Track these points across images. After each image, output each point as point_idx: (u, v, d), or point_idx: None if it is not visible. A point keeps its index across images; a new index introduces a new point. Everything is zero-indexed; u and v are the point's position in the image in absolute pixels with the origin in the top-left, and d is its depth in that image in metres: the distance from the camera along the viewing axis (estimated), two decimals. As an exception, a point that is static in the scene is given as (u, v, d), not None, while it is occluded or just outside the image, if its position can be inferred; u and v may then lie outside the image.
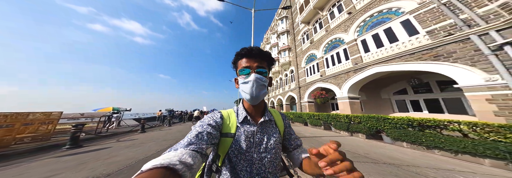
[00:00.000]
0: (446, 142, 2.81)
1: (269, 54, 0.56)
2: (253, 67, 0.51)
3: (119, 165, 2.49)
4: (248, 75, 0.51)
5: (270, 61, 0.56)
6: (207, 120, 0.49)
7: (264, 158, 0.49)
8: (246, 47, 0.54)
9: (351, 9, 7.46)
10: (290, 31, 14.28)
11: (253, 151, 0.49)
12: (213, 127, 0.46)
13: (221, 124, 0.50)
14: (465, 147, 2.57)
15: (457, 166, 2.39)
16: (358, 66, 6.59)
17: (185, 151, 0.34)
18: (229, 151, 0.48)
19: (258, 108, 0.56)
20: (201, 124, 0.47)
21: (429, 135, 3.10)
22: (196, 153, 0.36)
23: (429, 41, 4.39)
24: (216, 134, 0.46)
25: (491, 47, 3.24)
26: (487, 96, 3.24)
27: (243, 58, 0.53)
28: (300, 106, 11.34)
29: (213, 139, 0.44)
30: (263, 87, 0.53)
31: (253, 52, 0.52)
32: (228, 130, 0.50)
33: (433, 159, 2.70)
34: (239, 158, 0.48)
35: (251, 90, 0.50)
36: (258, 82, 0.50)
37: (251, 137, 0.50)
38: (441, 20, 4.15)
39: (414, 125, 3.49)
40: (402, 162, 2.55)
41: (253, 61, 0.52)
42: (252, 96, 0.51)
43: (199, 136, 0.41)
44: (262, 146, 0.50)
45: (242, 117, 0.53)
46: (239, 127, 0.51)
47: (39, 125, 4.24)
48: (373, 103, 8.00)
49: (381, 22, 6.01)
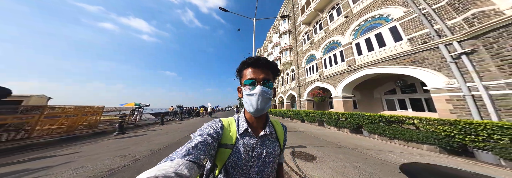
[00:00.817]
0: (401, 133, 3.63)
1: (276, 65, 0.55)
2: (259, 79, 0.51)
3: (161, 145, 3.59)
4: (254, 87, 0.51)
5: (276, 72, 0.56)
6: (208, 130, 0.48)
7: (261, 172, 0.48)
8: (253, 57, 0.53)
9: (348, 13, 7.96)
10: (292, 31, 14.78)
11: (251, 165, 0.48)
12: (213, 137, 0.45)
13: (221, 134, 0.49)
14: (412, 137, 3.40)
15: (403, 150, 3.24)
16: (351, 68, 7.26)
17: (181, 162, 0.33)
18: (227, 162, 0.47)
19: (260, 120, 0.55)
20: (201, 133, 0.46)
21: (393, 128, 3.93)
22: (193, 164, 0.34)
23: (409, 47, 5.01)
24: (214, 145, 0.45)
25: (453, 55, 3.89)
26: (446, 97, 3.96)
27: (249, 67, 0.53)
28: (299, 104, 12.18)
29: (211, 150, 0.43)
30: (268, 100, 0.51)
31: (260, 62, 0.52)
32: (227, 141, 0.49)
33: (388, 146, 3.55)
34: (236, 170, 0.47)
35: (256, 103, 0.49)
36: (264, 95, 0.50)
37: (249, 150, 0.49)
38: (420, 29, 4.75)
39: (383, 121, 4.30)
40: (359, 147, 3.44)
41: (259, 72, 0.52)
42: (257, 109, 0.50)
43: (198, 146, 0.40)
44: (260, 160, 0.49)
45: (243, 128, 0.52)
46: (238, 138, 0.50)
47: (89, 116, 5.63)
48: (366, 102, 8.67)
49: (373, 27, 6.57)
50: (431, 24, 4.47)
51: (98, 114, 5.81)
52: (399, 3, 5.47)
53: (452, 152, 2.99)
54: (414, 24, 4.93)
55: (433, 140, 3.06)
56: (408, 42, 5.09)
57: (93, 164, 2.41)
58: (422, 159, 2.70)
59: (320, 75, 9.76)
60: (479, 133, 2.65)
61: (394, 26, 5.69)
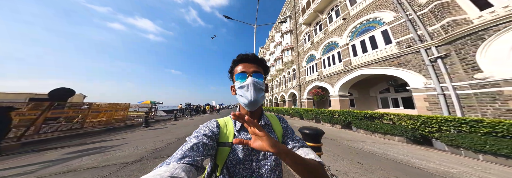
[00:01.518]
0: (380, 127, 4.28)
1: (264, 60, 0.57)
2: (250, 71, 0.52)
3: (181, 135, 4.49)
4: (245, 79, 0.51)
5: (265, 67, 0.57)
6: (203, 130, 0.48)
7: (263, 166, 0.49)
8: (241, 54, 0.55)
9: (346, 15, 8.40)
10: (293, 31, 15.21)
11: (252, 159, 0.49)
12: (209, 137, 0.46)
13: (217, 134, 0.50)
14: (387, 130, 4.05)
15: (375, 141, 3.90)
16: (347, 68, 7.80)
17: (177, 165, 0.33)
18: (227, 160, 0.47)
19: (255, 114, 0.56)
20: (196, 135, 0.46)
21: (374, 123, 4.59)
22: (190, 167, 0.34)
23: (397, 50, 5.53)
24: (212, 145, 0.45)
25: (431, 59, 4.42)
26: (424, 96, 4.53)
27: (239, 64, 0.54)
28: (300, 102, 12.84)
29: (210, 150, 0.43)
30: (261, 91, 0.52)
31: (248, 58, 0.54)
32: (225, 139, 0.50)
33: (367, 138, 4.23)
34: (237, 167, 0.47)
35: (249, 93, 0.49)
36: (256, 85, 0.50)
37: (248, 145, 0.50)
38: (406, 34, 5.25)
39: (367, 117, 4.95)
40: (340, 138, 4.15)
41: (249, 66, 0.53)
42: (251, 101, 0.49)
43: (194, 147, 0.40)
44: (261, 153, 0.50)
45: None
46: (236, 135, 0.51)
47: (119, 112, 6.82)
48: (363, 100, 9.19)
49: (367, 29, 7.04)
50: (415, 29, 4.96)
51: (125, 110, 7.02)
52: (390, 8, 5.92)
53: (416, 142, 3.64)
54: (402, 28, 5.41)
55: (402, 133, 3.72)
56: (396, 45, 5.59)
57: (142, 145, 3.40)
58: (386, 147, 3.39)
59: (319, 75, 10.33)
60: (433, 125, 3.29)
61: (385, 30, 6.16)
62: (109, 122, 6.06)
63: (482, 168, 2.26)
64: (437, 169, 2.21)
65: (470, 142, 2.64)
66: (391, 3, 5.83)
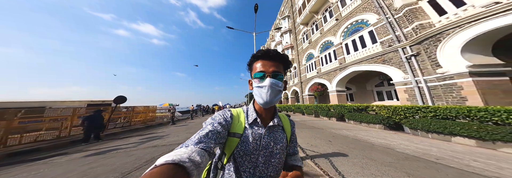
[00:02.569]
0: (364, 117, 5.21)
1: (286, 56, 0.56)
2: (269, 71, 0.52)
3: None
4: (263, 79, 0.52)
5: (286, 64, 0.57)
6: (218, 118, 0.51)
7: (268, 162, 0.51)
8: (263, 49, 0.55)
9: (338, 16, 9.15)
10: (292, 30, 15.99)
11: (259, 154, 0.50)
12: (223, 126, 0.49)
13: (230, 123, 0.53)
14: (370, 119, 4.97)
15: (358, 128, 4.85)
16: (342, 65, 8.63)
17: (194, 149, 0.37)
18: (235, 151, 0.50)
19: (268, 112, 0.58)
20: (212, 122, 0.49)
21: (361, 114, 5.51)
22: (204, 152, 0.38)
23: (381, 49, 6.32)
24: (224, 134, 0.48)
25: (407, 56, 5.22)
26: (404, 89, 5.36)
27: (259, 60, 0.54)
28: (302, 98, 13.75)
29: (222, 138, 0.46)
30: (278, 93, 0.53)
31: (269, 54, 0.53)
32: (236, 130, 0.52)
33: (354, 127, 5.17)
34: (244, 159, 0.49)
35: (266, 95, 0.51)
36: (274, 87, 0.52)
37: (258, 140, 0.52)
38: (387, 34, 6.03)
39: (356, 109, 5.87)
40: (329, 128, 5.12)
41: (269, 65, 0.53)
42: (266, 101, 0.52)
43: (209, 134, 0.43)
44: (268, 150, 0.51)
45: (252, 118, 0.55)
46: (247, 128, 0.53)
47: (150, 113, 8.48)
48: (360, 94, 9.94)
49: (357, 30, 7.81)
50: (394, 31, 5.74)
51: (154, 112, 8.80)
52: (374, 10, 6.68)
53: (391, 128, 4.55)
54: (384, 29, 6.19)
55: (380, 121, 4.64)
56: (380, 44, 6.39)
57: (181, 135, 4.81)
58: (362, 132, 4.34)
59: (318, 72, 11.17)
60: (400, 113, 4.19)
61: (371, 30, 6.94)
62: (145, 121, 7.96)
63: (419, 142, 3.20)
64: (382, 143, 3.19)
65: (421, 124, 3.56)
66: (374, 7, 6.59)
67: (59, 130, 4.73)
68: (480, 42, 3.65)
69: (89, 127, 4.35)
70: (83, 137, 4.34)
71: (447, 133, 3.14)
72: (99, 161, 2.78)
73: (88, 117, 4.43)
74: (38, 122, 4.55)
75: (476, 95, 3.48)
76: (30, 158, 3.14)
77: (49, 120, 4.70)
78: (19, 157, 3.31)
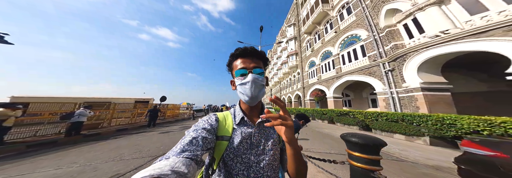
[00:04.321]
0: (346, 120, 6.45)
1: (264, 53, 0.58)
2: (250, 67, 0.54)
3: None
4: (245, 75, 0.53)
5: (265, 60, 0.58)
6: (202, 124, 0.51)
7: (261, 161, 0.50)
8: (240, 47, 0.56)
9: (337, 29, 10.44)
10: (297, 38, 17.39)
11: (251, 153, 0.50)
12: (208, 131, 0.48)
13: (216, 127, 0.52)
14: (350, 122, 6.21)
15: (341, 129, 6.10)
16: (338, 74, 9.83)
17: (177, 159, 0.35)
18: (224, 154, 0.49)
19: (255, 109, 0.58)
20: (195, 129, 0.48)
21: (345, 118, 6.75)
22: (190, 161, 0.36)
23: (368, 62, 7.52)
24: (211, 138, 0.47)
25: (385, 71, 6.41)
26: (383, 98, 6.52)
27: (238, 58, 0.56)
28: (304, 103, 14.93)
29: (209, 143, 0.45)
30: (262, 87, 0.54)
31: (248, 52, 0.55)
32: (224, 133, 0.52)
33: (337, 128, 6.40)
34: (235, 161, 0.49)
35: (250, 90, 0.52)
36: (257, 82, 0.52)
37: (248, 139, 0.52)
38: (373, 50, 7.24)
39: (342, 114, 7.10)
40: (319, 127, 6.45)
41: (249, 62, 0.54)
42: (251, 97, 0.52)
43: (193, 141, 0.42)
44: (259, 148, 0.51)
45: (239, 118, 0.55)
46: (235, 129, 0.53)
47: (175, 110, 10.66)
48: (358, 100, 10.95)
49: (351, 43, 9.04)
50: (378, 47, 6.95)
51: (178, 109, 11.11)
52: (365, 27, 7.93)
53: (365, 129, 5.74)
54: (371, 45, 7.41)
55: (356, 123, 5.88)
56: (368, 58, 7.58)
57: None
58: (339, 131, 5.61)
59: (318, 79, 12.39)
60: (369, 117, 5.40)
61: (362, 45, 8.15)
62: (172, 116, 10.11)
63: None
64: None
65: (379, 126, 4.79)
66: (365, 24, 7.84)
67: (130, 118, 7.45)
68: (430, 64, 4.81)
69: (151, 117, 6.83)
70: (147, 123, 6.97)
71: (390, 131, 4.37)
72: (168, 136, 4.81)
73: (151, 110, 6.93)
74: (121, 112, 7.34)
75: (425, 105, 4.63)
76: (129, 133, 5.44)
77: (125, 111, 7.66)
78: (123, 131, 5.89)
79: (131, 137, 4.79)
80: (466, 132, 3.16)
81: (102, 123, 6.18)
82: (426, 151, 3.23)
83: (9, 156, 3.02)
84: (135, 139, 4.40)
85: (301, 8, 16.55)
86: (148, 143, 3.90)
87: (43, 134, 4.61)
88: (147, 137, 4.77)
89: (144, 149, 3.32)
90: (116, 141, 4.26)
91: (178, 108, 11.65)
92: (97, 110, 5.94)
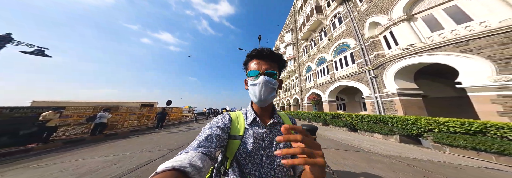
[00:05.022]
0: (337, 122, 7.20)
1: (281, 56, 0.59)
2: (263, 69, 0.55)
3: None
4: (257, 77, 0.55)
5: (281, 63, 0.60)
6: (216, 122, 0.54)
7: (273, 162, 0.51)
8: (257, 48, 0.57)
9: (330, 36, 11.40)
10: (295, 43, 18.43)
11: (262, 154, 0.51)
12: (222, 129, 0.51)
13: (229, 126, 0.55)
14: (340, 124, 6.96)
15: (332, 130, 6.82)
16: (332, 79, 10.66)
17: (195, 154, 0.38)
18: (237, 153, 0.50)
19: (266, 110, 0.60)
20: (210, 126, 0.51)
21: (336, 120, 7.51)
22: (205, 156, 0.39)
23: (357, 69, 8.36)
24: (224, 137, 0.50)
25: (370, 77, 7.23)
26: (370, 102, 7.29)
27: (253, 59, 0.57)
28: (302, 106, 15.67)
29: (222, 141, 0.48)
30: (272, 90, 0.55)
31: (263, 54, 0.56)
32: (236, 132, 0.54)
33: (329, 129, 7.13)
34: (247, 161, 0.50)
35: (259, 92, 0.53)
36: (267, 85, 0.54)
37: (260, 139, 0.53)
38: (360, 58, 8.11)
39: (334, 116, 7.86)
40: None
41: (263, 63, 0.55)
42: (260, 99, 0.54)
43: (208, 138, 0.45)
44: (271, 149, 0.52)
45: (251, 118, 0.57)
46: (247, 129, 0.55)
47: (178, 113, 11.49)
48: (351, 104, 11.70)
49: (342, 50, 9.94)
50: (364, 56, 7.82)
51: (181, 112, 11.85)
52: (353, 36, 8.84)
53: (352, 130, 6.47)
54: (359, 53, 8.28)
55: (345, 125, 6.62)
56: (357, 65, 8.43)
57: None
58: (329, 132, 6.31)
59: (314, 83, 13.21)
60: (355, 119, 6.15)
61: (352, 53, 9.03)
62: (176, 119, 10.81)
63: (355, 137, 5.17)
64: (331, 136, 5.23)
65: (363, 126, 5.54)
66: (354, 33, 8.76)
67: (140, 120, 8.27)
68: (404, 72, 5.63)
69: (159, 119, 7.88)
70: (155, 125, 8.01)
71: (371, 131, 5.13)
72: (176, 135, 5.60)
73: (159, 114, 8.01)
74: (132, 114, 8.16)
75: (401, 108, 5.40)
76: (141, 133, 6.24)
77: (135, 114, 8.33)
78: (135, 132, 6.59)
79: (146, 136, 5.60)
80: (423, 130, 3.92)
81: (117, 125, 7.03)
82: (392, 146, 3.98)
83: (53, 150, 3.84)
84: (150, 138, 5.20)
85: (298, 15, 17.73)
86: (163, 140, 4.71)
87: (70, 134, 5.47)
88: (159, 136, 5.57)
89: (161, 145, 4.13)
90: (135, 139, 5.07)
91: (181, 111, 12.71)
92: (114, 113, 6.79)
